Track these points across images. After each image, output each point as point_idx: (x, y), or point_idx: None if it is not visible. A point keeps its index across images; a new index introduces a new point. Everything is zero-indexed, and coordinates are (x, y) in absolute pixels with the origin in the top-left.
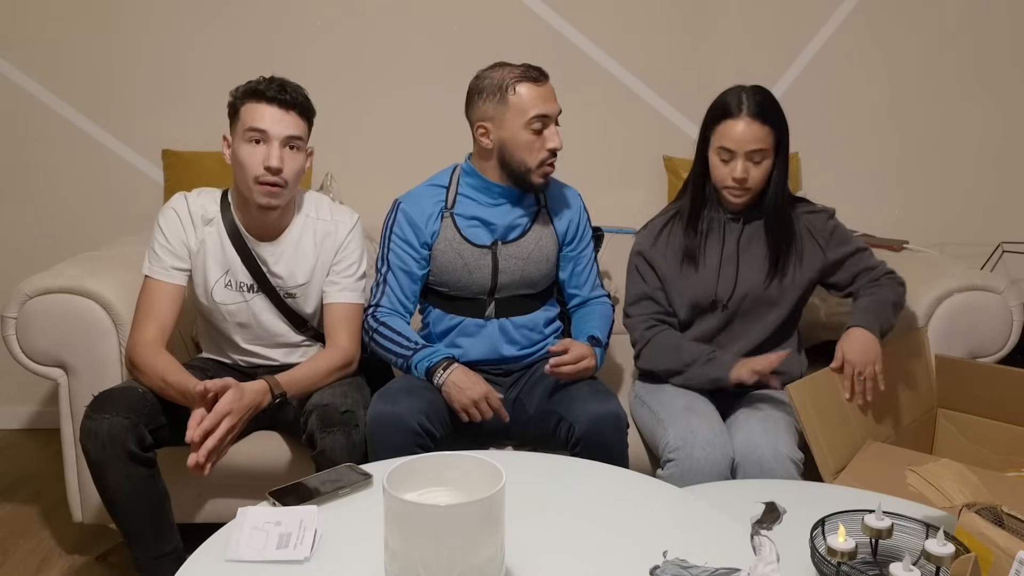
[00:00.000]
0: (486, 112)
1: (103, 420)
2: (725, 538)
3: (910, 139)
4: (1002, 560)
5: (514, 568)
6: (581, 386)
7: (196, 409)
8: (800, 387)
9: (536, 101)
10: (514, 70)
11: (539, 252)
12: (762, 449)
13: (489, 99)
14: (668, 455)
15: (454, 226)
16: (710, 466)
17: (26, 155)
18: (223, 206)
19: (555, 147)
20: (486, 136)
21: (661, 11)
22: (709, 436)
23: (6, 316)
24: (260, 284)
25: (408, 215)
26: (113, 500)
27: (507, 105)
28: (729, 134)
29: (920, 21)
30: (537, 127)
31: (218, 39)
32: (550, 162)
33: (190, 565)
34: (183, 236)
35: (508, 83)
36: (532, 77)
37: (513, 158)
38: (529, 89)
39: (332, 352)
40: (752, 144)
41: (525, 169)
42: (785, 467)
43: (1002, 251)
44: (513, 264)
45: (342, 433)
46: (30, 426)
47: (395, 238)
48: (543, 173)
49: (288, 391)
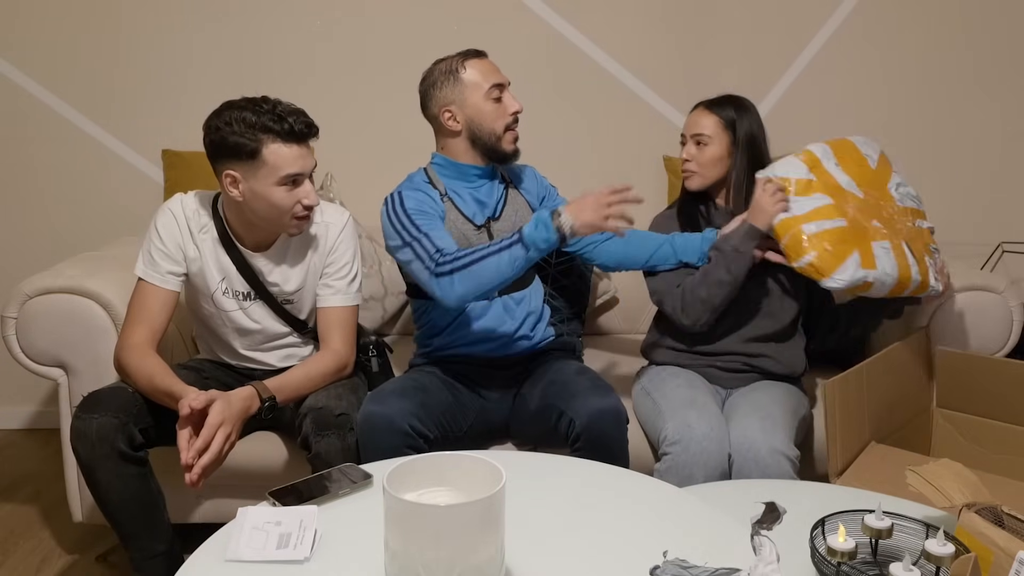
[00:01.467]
0: (447, 97)
1: (92, 420)
2: (725, 538)
3: (910, 139)
4: (1002, 560)
5: (514, 568)
6: (582, 381)
7: (182, 430)
8: (835, 385)
9: (488, 73)
10: (453, 56)
11: (521, 221)
12: (759, 445)
13: (444, 85)
14: (665, 448)
15: (455, 207)
16: (705, 460)
17: (26, 155)
18: (215, 214)
19: (517, 110)
20: (453, 119)
21: (661, 11)
22: (706, 431)
23: (6, 316)
24: (258, 292)
25: (415, 192)
26: (105, 500)
27: (463, 84)
28: (686, 122)
29: (919, 22)
30: (496, 95)
31: (218, 39)
32: (514, 127)
33: (190, 565)
34: (180, 240)
35: (455, 65)
36: (474, 54)
37: (483, 130)
38: (477, 64)
39: (325, 356)
40: (697, 128)
41: (496, 138)
42: (780, 464)
43: (1002, 251)
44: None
45: (337, 436)
46: (30, 426)
47: (412, 212)
48: (512, 138)
49: (278, 395)
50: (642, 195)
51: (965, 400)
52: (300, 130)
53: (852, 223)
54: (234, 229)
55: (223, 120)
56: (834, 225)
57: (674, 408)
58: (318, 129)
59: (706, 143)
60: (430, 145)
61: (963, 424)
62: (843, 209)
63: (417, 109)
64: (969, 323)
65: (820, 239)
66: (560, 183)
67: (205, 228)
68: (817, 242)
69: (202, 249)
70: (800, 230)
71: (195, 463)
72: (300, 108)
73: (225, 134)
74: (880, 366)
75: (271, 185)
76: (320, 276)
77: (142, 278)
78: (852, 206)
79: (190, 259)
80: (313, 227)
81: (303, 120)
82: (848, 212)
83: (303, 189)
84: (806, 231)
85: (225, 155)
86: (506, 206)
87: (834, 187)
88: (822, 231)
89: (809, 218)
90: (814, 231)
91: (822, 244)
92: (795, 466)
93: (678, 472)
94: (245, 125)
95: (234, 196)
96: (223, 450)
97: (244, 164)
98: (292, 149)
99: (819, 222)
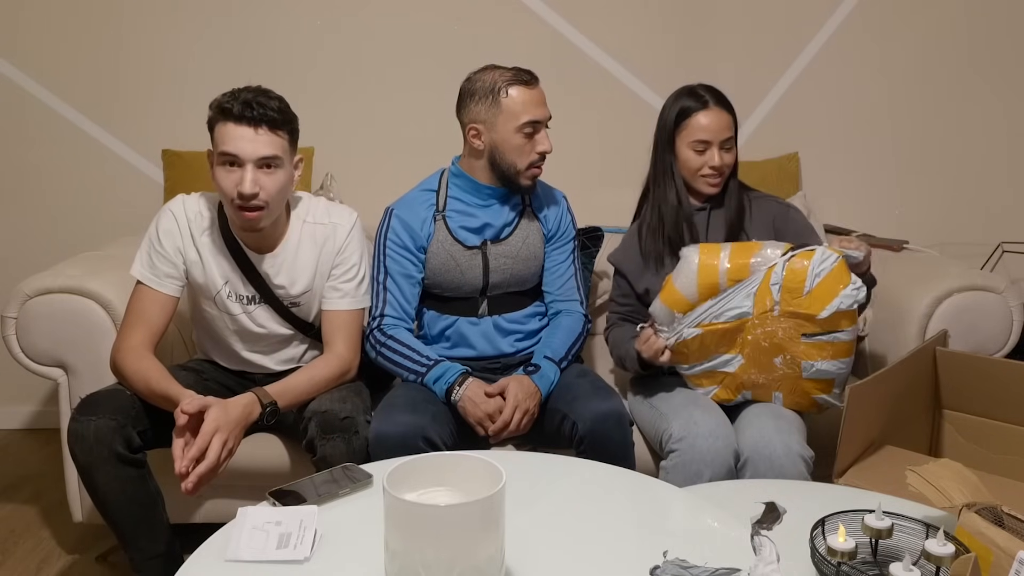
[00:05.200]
0: (478, 114)
1: (89, 423)
2: (725, 538)
3: (910, 139)
4: (1002, 560)
5: (514, 568)
6: (584, 384)
7: (177, 438)
8: (858, 389)
9: (528, 106)
10: (505, 73)
11: (527, 250)
12: (774, 445)
13: (481, 102)
14: (671, 445)
15: (446, 228)
16: (712, 456)
17: (27, 155)
18: (220, 215)
19: (545, 150)
20: (477, 138)
21: (661, 11)
22: (712, 426)
23: (6, 316)
24: (263, 295)
25: (403, 221)
26: (103, 502)
27: (499, 108)
28: (702, 126)
29: (920, 21)
30: (528, 131)
31: (218, 39)
32: (539, 164)
33: (190, 565)
34: (179, 243)
35: (500, 86)
36: (523, 80)
37: (503, 160)
38: (521, 93)
39: (329, 360)
40: (726, 132)
41: (515, 171)
42: (796, 464)
43: (1002, 251)
44: (503, 263)
45: (342, 439)
46: (30, 426)
47: (392, 244)
48: (531, 175)
49: (280, 401)
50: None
51: (965, 400)
52: (244, 113)
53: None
54: (239, 233)
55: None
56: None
57: (676, 408)
58: (278, 120)
59: (730, 146)
60: (430, 146)
61: (963, 424)
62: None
63: (417, 109)
64: (969, 323)
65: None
66: (560, 183)
67: (207, 230)
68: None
69: (204, 252)
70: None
71: (190, 471)
72: (269, 98)
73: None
74: (902, 370)
75: (217, 166)
76: (328, 277)
77: (140, 281)
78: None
79: (190, 262)
80: (322, 228)
81: (256, 106)
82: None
83: (239, 176)
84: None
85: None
86: (516, 232)
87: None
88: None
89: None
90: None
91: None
92: (810, 467)
93: (685, 469)
94: (214, 104)
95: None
96: (220, 458)
97: (212, 146)
98: (235, 129)
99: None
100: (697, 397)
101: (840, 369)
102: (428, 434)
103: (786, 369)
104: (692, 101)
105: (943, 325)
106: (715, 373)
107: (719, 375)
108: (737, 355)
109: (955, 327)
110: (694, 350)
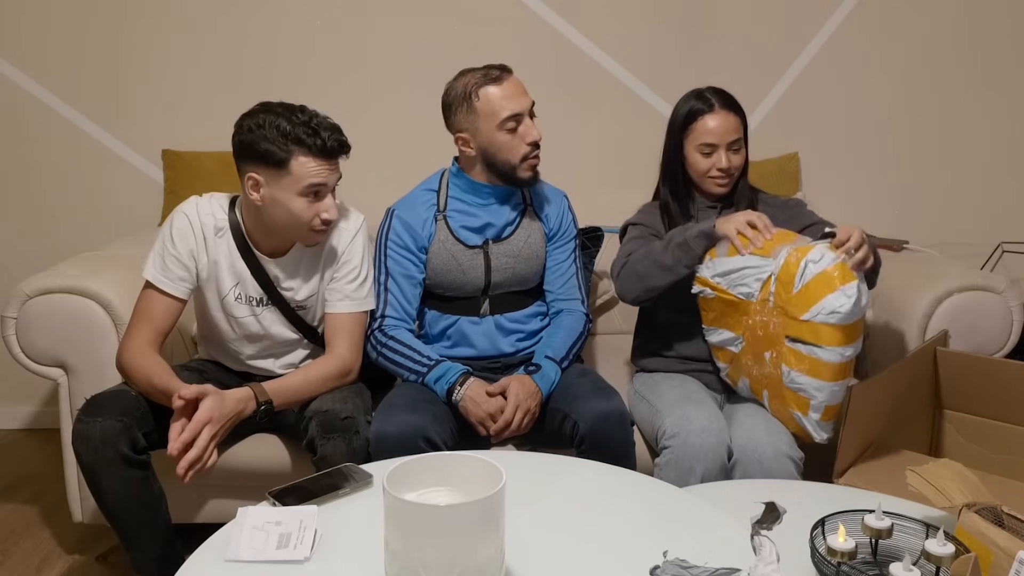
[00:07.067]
0: (460, 124)
1: (95, 424)
2: (725, 538)
3: (910, 139)
4: (1002, 560)
5: (514, 568)
6: (585, 383)
7: (175, 421)
8: (861, 389)
9: (504, 102)
10: (475, 75)
11: (528, 249)
12: (763, 447)
13: (459, 111)
14: (665, 442)
15: (447, 228)
16: (705, 451)
17: (27, 155)
18: (231, 217)
19: (534, 140)
20: (467, 145)
21: (661, 11)
22: (704, 423)
23: (6, 316)
24: (271, 298)
25: (404, 221)
26: (108, 503)
27: (476, 113)
28: (708, 129)
29: (919, 21)
30: (511, 126)
31: (219, 39)
32: (534, 155)
33: (190, 565)
34: (193, 247)
35: (471, 90)
36: (492, 78)
37: (497, 160)
38: (493, 91)
39: (328, 360)
40: (733, 135)
41: (511, 167)
42: (785, 466)
43: (1002, 251)
44: (505, 262)
45: (343, 439)
46: (30, 426)
47: (392, 245)
48: (529, 167)
49: (275, 399)
50: None
51: (965, 400)
52: (332, 147)
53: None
54: (251, 233)
55: (256, 122)
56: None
57: (671, 405)
58: (350, 148)
59: (739, 148)
60: (430, 146)
61: (963, 424)
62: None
63: (417, 109)
64: (969, 323)
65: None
66: (560, 183)
67: (221, 232)
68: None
69: (216, 254)
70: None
71: (181, 455)
72: (335, 124)
73: (256, 137)
74: (902, 370)
75: (293, 194)
76: (331, 280)
77: (151, 282)
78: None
79: (202, 265)
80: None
81: (337, 137)
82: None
83: (324, 203)
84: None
85: (252, 158)
86: (517, 231)
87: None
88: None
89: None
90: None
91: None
92: (799, 468)
93: (678, 465)
94: (278, 132)
95: (254, 199)
96: (208, 447)
97: (269, 171)
98: (321, 164)
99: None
100: (692, 392)
101: (816, 390)
102: (428, 434)
103: (772, 368)
104: (699, 104)
105: (943, 325)
106: (726, 350)
107: (729, 353)
108: (740, 336)
109: (955, 327)
110: (714, 312)
